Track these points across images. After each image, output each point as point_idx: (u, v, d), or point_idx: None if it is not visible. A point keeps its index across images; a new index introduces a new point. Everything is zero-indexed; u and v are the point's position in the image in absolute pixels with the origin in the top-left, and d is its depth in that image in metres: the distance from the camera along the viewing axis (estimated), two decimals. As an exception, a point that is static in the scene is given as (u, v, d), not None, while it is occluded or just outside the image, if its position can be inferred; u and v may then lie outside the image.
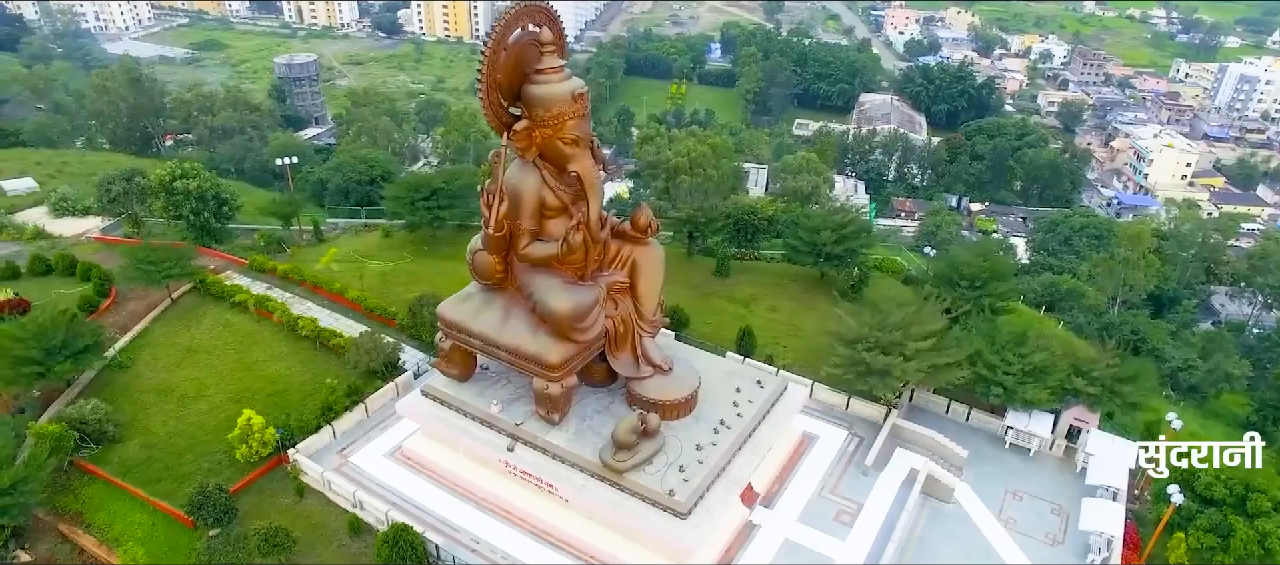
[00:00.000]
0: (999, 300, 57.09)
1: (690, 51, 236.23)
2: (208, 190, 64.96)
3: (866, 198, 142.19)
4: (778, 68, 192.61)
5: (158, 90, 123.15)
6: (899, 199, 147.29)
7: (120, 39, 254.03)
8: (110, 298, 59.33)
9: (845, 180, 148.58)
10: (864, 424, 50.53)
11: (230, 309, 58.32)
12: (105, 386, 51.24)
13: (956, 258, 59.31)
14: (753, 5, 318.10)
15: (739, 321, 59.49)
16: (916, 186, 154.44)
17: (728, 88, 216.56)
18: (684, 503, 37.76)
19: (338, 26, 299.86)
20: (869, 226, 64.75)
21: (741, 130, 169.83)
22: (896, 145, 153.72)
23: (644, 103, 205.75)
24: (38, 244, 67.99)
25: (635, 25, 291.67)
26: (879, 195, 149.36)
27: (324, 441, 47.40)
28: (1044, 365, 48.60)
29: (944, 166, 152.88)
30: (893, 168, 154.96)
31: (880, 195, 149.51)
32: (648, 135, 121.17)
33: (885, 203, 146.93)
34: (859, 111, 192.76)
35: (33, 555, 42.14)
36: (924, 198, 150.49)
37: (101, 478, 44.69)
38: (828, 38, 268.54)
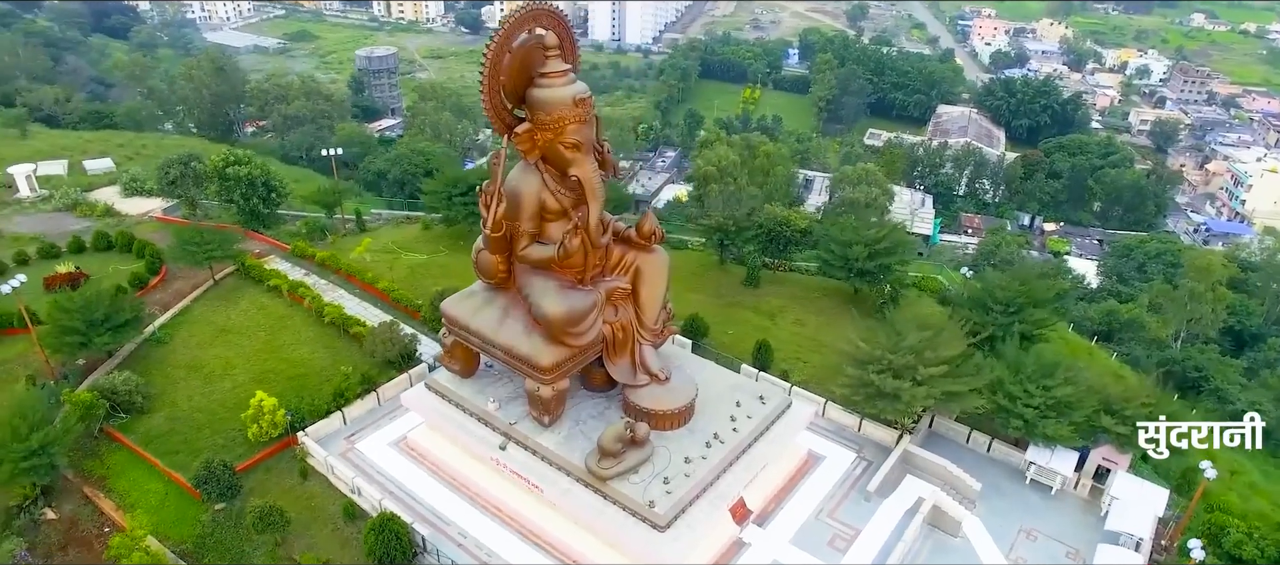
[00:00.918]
0: (1034, 327, 54.35)
1: (766, 56, 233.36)
2: (257, 177, 67.70)
3: (932, 212, 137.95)
4: (852, 76, 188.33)
5: (240, 78, 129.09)
6: (968, 215, 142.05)
7: (221, 29, 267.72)
8: (160, 275, 62.48)
9: (913, 193, 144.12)
10: (875, 447, 48.95)
11: (266, 292, 60.65)
12: (142, 359, 53.97)
13: (992, 280, 56.79)
14: (836, 11, 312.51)
15: (761, 333, 58.50)
16: (987, 203, 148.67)
17: (802, 94, 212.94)
18: (663, 515, 37.30)
19: (423, 21, 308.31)
20: (905, 243, 62.64)
21: (809, 138, 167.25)
22: (968, 159, 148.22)
23: (715, 106, 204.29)
24: (105, 221, 72.20)
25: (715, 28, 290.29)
26: (948, 210, 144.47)
27: (334, 427, 48.76)
28: (1069, 399, 46.01)
29: (1018, 183, 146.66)
30: (963, 182, 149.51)
31: (949, 210, 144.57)
32: (707, 140, 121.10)
33: (953, 218, 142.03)
34: (935, 123, 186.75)
35: (58, 514, 44.70)
36: (995, 215, 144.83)
37: (126, 446, 47.09)
38: (911, 47, 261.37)
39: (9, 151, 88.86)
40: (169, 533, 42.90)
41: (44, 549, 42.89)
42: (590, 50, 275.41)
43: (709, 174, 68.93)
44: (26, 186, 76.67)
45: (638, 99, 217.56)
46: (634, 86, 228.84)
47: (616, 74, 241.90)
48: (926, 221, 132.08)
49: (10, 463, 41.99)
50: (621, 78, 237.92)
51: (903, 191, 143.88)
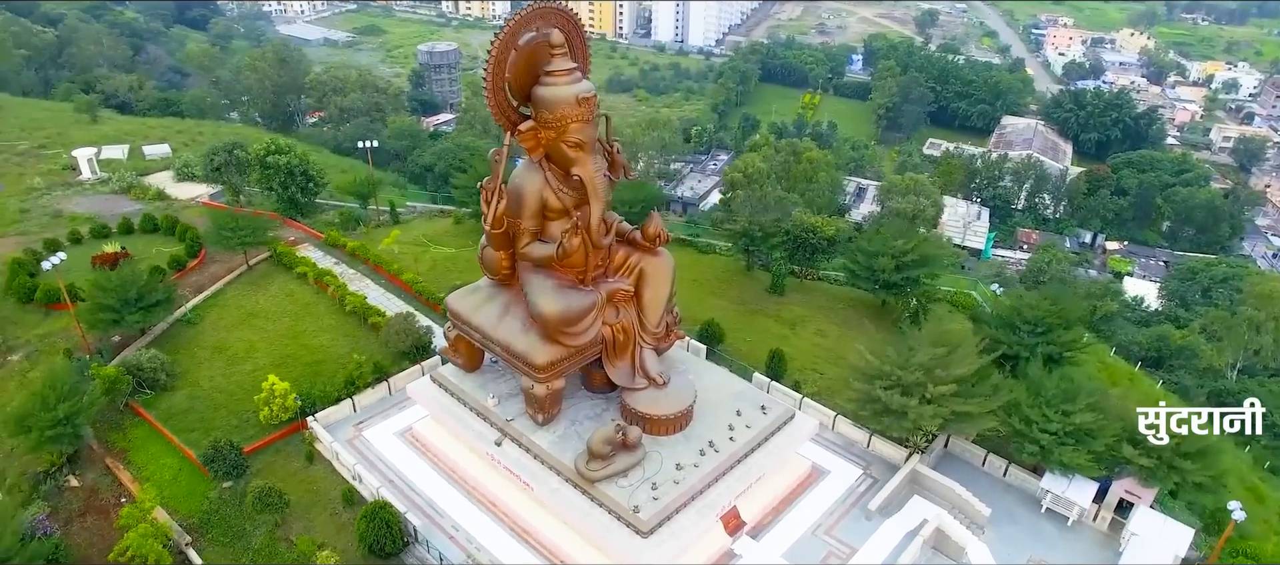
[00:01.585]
0: (1062, 349, 52.08)
1: (829, 62, 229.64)
2: (296, 166, 69.61)
3: (987, 226, 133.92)
4: (913, 83, 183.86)
5: (301, 70, 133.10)
6: (1025, 230, 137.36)
7: (295, 22, 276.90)
8: (199, 258, 64.76)
9: (968, 206, 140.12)
10: (883, 465, 47.61)
11: (295, 279, 62.30)
12: (172, 339, 56.03)
13: (1020, 298, 54.63)
14: (905, 17, 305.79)
15: (780, 342, 57.56)
16: (1047, 219, 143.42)
17: (863, 101, 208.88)
18: (646, 521, 36.92)
19: (490, 18, 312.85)
20: (934, 256, 60.75)
21: (864, 146, 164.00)
22: (1028, 173, 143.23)
23: (773, 111, 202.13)
24: (155, 204, 75.28)
25: (779, 32, 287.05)
26: (1004, 224, 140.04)
27: (343, 414, 49.78)
28: (1089, 426, 43.93)
29: (1081, 199, 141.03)
30: (1022, 196, 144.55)
31: (1006, 224, 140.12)
32: (755, 144, 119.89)
33: (1010, 233, 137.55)
34: (999, 135, 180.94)
35: (80, 482, 46.72)
36: (1054, 231, 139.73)
37: (147, 421, 48.93)
38: (980, 55, 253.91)
39: (79, 135, 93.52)
40: (178, 507, 44.47)
41: (65, 515, 44.86)
42: (652, 51, 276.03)
43: (736, 179, 68.01)
44: (88, 169, 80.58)
45: (696, 101, 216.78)
46: (693, 88, 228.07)
47: (676, 75, 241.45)
48: (980, 235, 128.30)
49: (38, 431, 44.17)
50: (681, 79, 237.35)
51: (958, 204, 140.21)
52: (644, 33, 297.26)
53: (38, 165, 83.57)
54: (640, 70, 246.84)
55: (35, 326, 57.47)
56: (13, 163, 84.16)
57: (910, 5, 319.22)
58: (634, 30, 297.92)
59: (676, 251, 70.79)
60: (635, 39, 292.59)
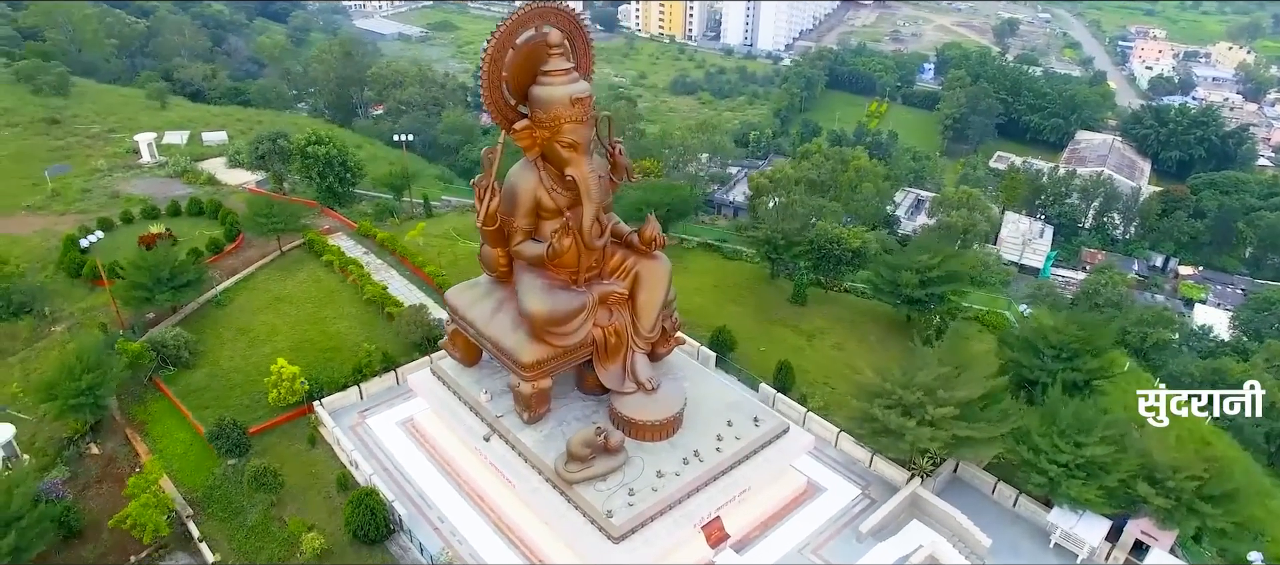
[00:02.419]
0: (1088, 376, 49.50)
1: (898, 70, 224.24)
2: (334, 157, 71.57)
3: (1049, 244, 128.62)
4: (981, 94, 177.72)
5: (364, 64, 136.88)
6: (1090, 250, 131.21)
7: (372, 17, 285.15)
8: (237, 242, 67.21)
9: (1031, 223, 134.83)
10: (883, 486, 46.09)
11: (323, 266, 64.05)
12: (201, 318, 58.28)
13: (1045, 320, 52.15)
14: (984, 26, 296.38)
15: (795, 354, 56.51)
16: (1116, 239, 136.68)
17: (931, 111, 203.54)
18: (618, 526, 36.56)
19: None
20: (961, 272, 58.57)
21: (926, 157, 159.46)
22: (1097, 190, 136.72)
23: (836, 118, 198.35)
24: (205, 189, 78.50)
25: (851, 38, 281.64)
26: (1069, 243, 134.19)
27: (350, 400, 50.87)
28: (1103, 460, 41.66)
29: (1154, 220, 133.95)
30: (1090, 215, 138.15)
31: (1070, 243, 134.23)
32: (806, 151, 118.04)
33: (1074, 252, 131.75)
34: (1072, 150, 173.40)
35: (100, 450, 48.97)
36: (1123, 252, 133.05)
37: (166, 396, 50.94)
38: (1060, 67, 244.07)
39: (147, 120, 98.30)
40: (184, 479, 46.16)
41: (83, 480, 47.06)
42: (719, 54, 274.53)
43: (762, 184, 66.88)
44: (148, 153, 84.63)
45: (759, 105, 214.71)
46: (758, 93, 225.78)
47: (742, 79, 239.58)
48: (1039, 253, 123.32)
49: (62, 399, 46.51)
50: (747, 83, 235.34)
51: (1020, 220, 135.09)
52: (713, 35, 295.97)
53: (105, 148, 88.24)
54: (706, 73, 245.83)
55: (80, 300, 60.58)
56: (83, 145, 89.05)
57: (990, 14, 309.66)
58: (703, 33, 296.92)
59: (702, 256, 70.72)
60: (704, 42, 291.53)
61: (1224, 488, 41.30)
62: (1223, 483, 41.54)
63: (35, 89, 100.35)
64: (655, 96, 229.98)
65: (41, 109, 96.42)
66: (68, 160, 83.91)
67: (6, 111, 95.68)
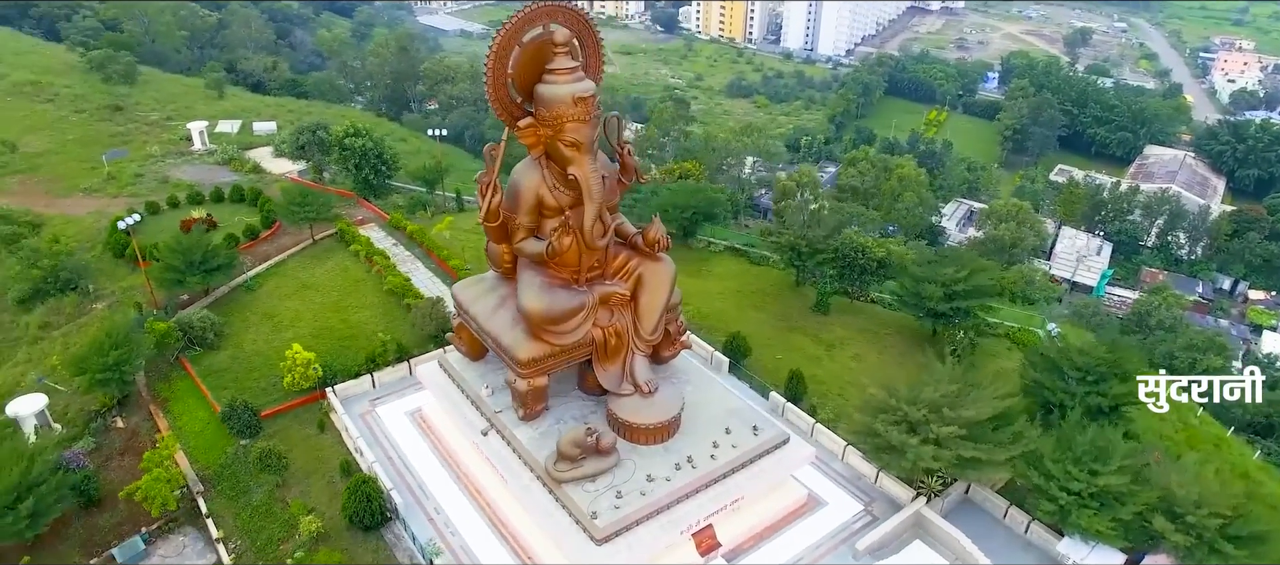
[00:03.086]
0: (1114, 401, 47.25)
1: (960, 78, 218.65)
2: (371, 149, 73.08)
3: (1105, 262, 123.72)
4: (1043, 104, 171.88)
5: (419, 59, 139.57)
6: (1151, 270, 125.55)
7: (436, 13, 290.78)
8: (273, 229, 69.13)
9: (1088, 239, 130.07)
10: (887, 503, 44.82)
11: (351, 256, 65.44)
12: (231, 302, 60.14)
13: (1070, 344, 50.03)
14: (1054, 36, 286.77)
15: (812, 364, 55.61)
16: (1180, 259, 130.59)
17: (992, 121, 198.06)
18: (602, 528, 36.38)
19: (622, 17, 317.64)
20: (988, 287, 56.64)
21: (981, 168, 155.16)
22: (1162, 207, 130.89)
23: (892, 126, 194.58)
24: (250, 177, 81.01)
25: (914, 45, 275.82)
26: (1129, 262, 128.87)
27: (363, 388, 51.77)
28: (1117, 490, 39.75)
29: (1224, 241, 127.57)
30: (1153, 233, 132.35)
31: (1130, 262, 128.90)
32: (852, 158, 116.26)
33: (1133, 272, 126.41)
34: (1139, 165, 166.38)
35: (125, 424, 50.89)
36: (1187, 273, 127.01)
37: (190, 375, 52.66)
38: (1133, 78, 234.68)
39: (203, 109, 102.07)
40: (199, 457, 47.65)
41: (107, 452, 48.99)
42: (779, 58, 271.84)
43: (787, 187, 65.79)
44: (200, 141, 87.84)
45: (815, 111, 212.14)
46: (814, 97, 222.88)
47: (800, 83, 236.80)
48: (1094, 271, 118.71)
49: (90, 374, 48.52)
50: (804, 88, 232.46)
51: (1077, 236, 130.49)
52: (773, 39, 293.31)
53: (161, 135, 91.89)
54: (763, 76, 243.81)
55: (123, 279, 63.17)
56: (142, 131, 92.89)
57: (1063, 23, 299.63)
58: (764, 37, 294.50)
59: (728, 261, 70.03)
60: (764, 45, 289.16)
61: (1253, 528, 39.06)
62: (1252, 523, 39.31)
63: (105, 77, 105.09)
64: (710, 98, 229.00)
65: (108, 96, 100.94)
66: (126, 145, 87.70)
67: (77, 98, 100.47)
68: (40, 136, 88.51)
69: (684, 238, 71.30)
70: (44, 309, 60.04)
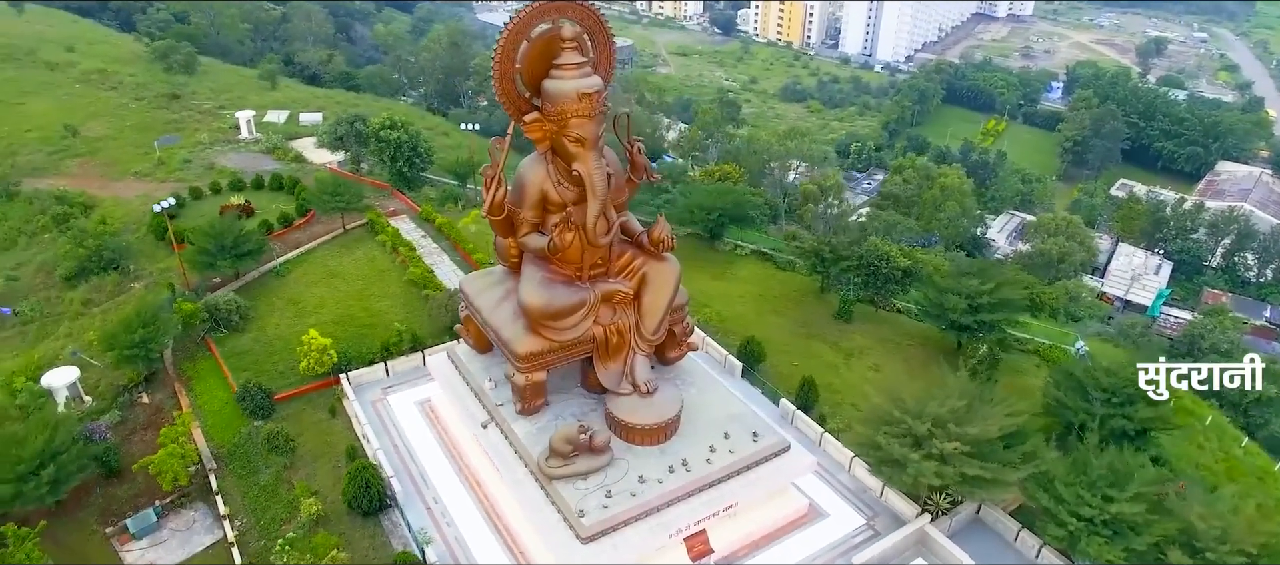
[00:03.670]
0: (1140, 425, 45.14)
1: (1022, 87, 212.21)
2: (405, 141, 74.28)
3: (1164, 282, 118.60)
4: (1106, 116, 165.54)
5: (470, 54, 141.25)
6: (1214, 291, 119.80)
7: (495, 11, 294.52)
8: (307, 217, 70.77)
9: (1146, 257, 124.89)
10: (892, 518, 43.65)
11: (379, 246, 66.54)
12: (260, 286, 61.73)
13: (1095, 364, 47.93)
14: (1126, 45, 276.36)
15: (828, 372, 54.60)
16: (1248, 281, 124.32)
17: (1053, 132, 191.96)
18: (587, 527, 36.21)
19: (680, 18, 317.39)
20: (1013, 300, 54.77)
21: (1036, 180, 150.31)
22: (1229, 226, 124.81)
23: (948, 134, 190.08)
24: (292, 166, 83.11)
25: (977, 53, 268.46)
26: (1190, 282, 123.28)
27: (376, 376, 52.59)
28: (1132, 519, 37.89)
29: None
30: (1218, 253, 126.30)
31: (1192, 282, 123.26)
32: (899, 166, 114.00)
33: (1194, 292, 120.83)
34: (1209, 181, 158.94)
35: (150, 400, 52.62)
36: (1254, 296, 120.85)
37: (214, 355, 54.20)
38: (1211, 91, 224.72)
39: (255, 99, 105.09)
40: (215, 435, 48.99)
41: (131, 426, 50.65)
42: (836, 63, 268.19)
43: (809, 191, 64.58)
44: (247, 129, 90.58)
45: (870, 117, 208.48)
46: (870, 104, 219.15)
47: (856, 89, 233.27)
48: (1150, 290, 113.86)
49: (118, 350, 50.35)
50: (860, 93, 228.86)
51: (1134, 253, 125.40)
52: (832, 44, 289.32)
53: (211, 123, 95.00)
54: (818, 81, 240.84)
55: (162, 261, 65.42)
56: (195, 119, 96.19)
57: (1137, 32, 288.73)
58: (822, 41, 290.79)
59: (753, 264, 69.19)
60: (823, 50, 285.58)
61: None
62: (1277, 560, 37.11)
63: (167, 67, 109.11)
64: (763, 102, 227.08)
65: (167, 85, 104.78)
66: (178, 132, 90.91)
67: (139, 86, 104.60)
68: (101, 122, 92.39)
69: (710, 239, 70.69)
70: (87, 286, 62.59)
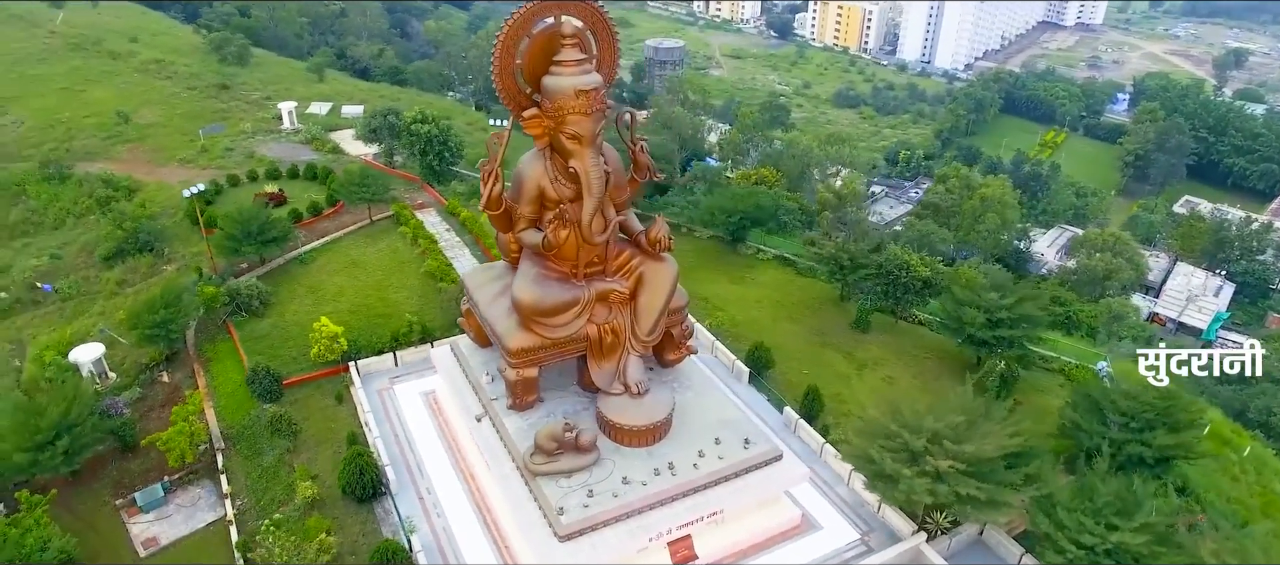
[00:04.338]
0: (1157, 454, 42.99)
1: (1085, 98, 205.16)
2: (436, 136, 75.28)
3: (1223, 305, 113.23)
4: (1172, 129, 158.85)
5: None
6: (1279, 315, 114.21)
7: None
8: (336, 207, 72.24)
9: (1207, 278, 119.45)
10: (887, 535, 42.45)
11: (401, 238, 67.49)
12: (283, 273, 63.22)
13: (1114, 388, 45.79)
14: (1202, 56, 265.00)
15: (838, 382, 53.42)
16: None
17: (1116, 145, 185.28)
18: (566, 526, 36.02)
19: (737, 21, 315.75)
20: (1035, 316, 52.81)
21: (1092, 194, 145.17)
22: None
23: (1003, 145, 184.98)
24: (329, 157, 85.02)
25: (1040, 62, 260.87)
26: (1254, 306, 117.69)
27: (385, 366, 53.32)
28: (1136, 550, 36.09)
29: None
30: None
31: (1256, 306, 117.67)
32: (943, 175, 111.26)
33: (1259, 316, 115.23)
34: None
35: (169, 379, 54.30)
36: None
37: (232, 338, 55.67)
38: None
39: (302, 91, 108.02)
40: (226, 416, 50.25)
41: (150, 402, 52.41)
42: (892, 70, 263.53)
43: (827, 199, 63.26)
44: (288, 120, 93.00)
45: (923, 126, 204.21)
46: (924, 112, 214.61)
47: (911, 96, 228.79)
48: (1206, 312, 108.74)
49: (140, 330, 52.16)
50: (915, 101, 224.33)
51: (1193, 273, 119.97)
52: (890, 49, 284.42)
53: (256, 113, 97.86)
54: (873, 87, 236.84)
55: (194, 245, 67.50)
56: (240, 109, 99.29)
57: (1214, 43, 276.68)
58: (880, 47, 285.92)
59: (773, 269, 68.22)
60: (880, 55, 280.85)
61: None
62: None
63: (221, 58, 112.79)
64: (815, 107, 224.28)
65: (219, 75, 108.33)
66: (224, 121, 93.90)
67: (192, 76, 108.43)
68: (153, 109, 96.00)
69: (732, 243, 69.90)
70: (123, 267, 65.04)
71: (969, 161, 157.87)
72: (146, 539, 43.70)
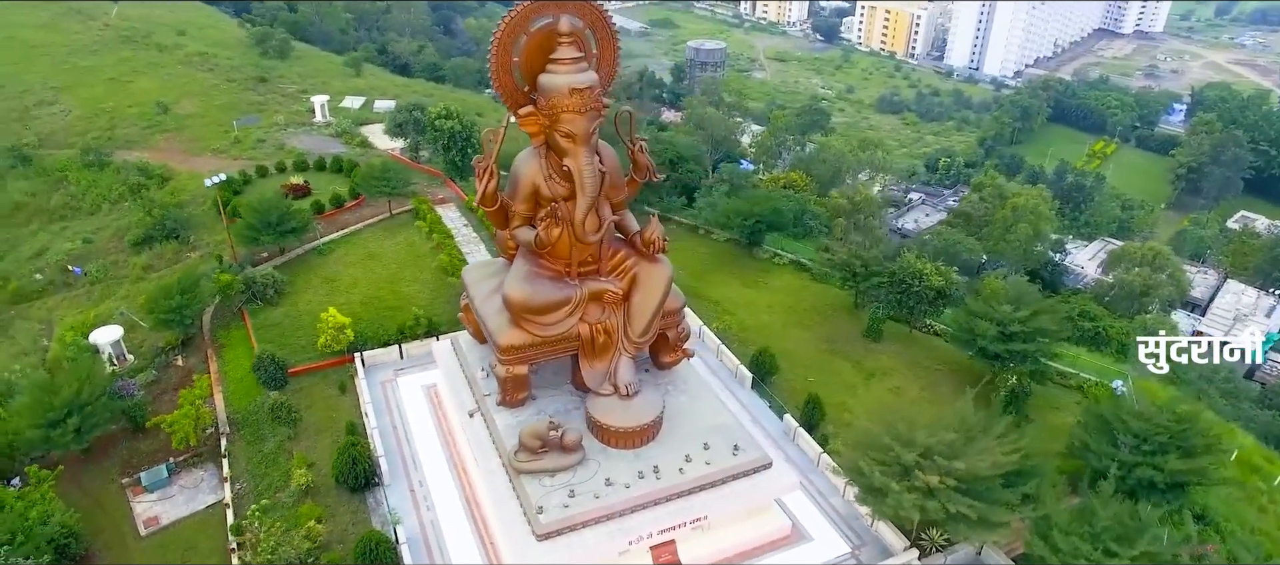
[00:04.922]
0: (1169, 479, 41.23)
1: (1138, 108, 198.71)
2: (459, 131, 75.90)
3: (1276, 324, 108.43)
4: (1228, 141, 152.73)
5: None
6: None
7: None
8: (357, 200, 73.27)
9: (1260, 296, 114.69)
10: (879, 549, 41.44)
11: (419, 232, 68.17)
12: (301, 263, 64.30)
13: (1127, 407, 44.05)
14: (1268, 67, 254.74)
15: (844, 391, 52.45)
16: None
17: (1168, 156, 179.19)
18: (544, 524, 35.89)
19: (783, 23, 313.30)
20: (1051, 330, 51.16)
21: (1139, 207, 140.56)
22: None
23: (1049, 155, 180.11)
24: (357, 151, 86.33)
25: (1093, 70, 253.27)
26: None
27: (391, 358, 53.83)
28: (1134, 577, 34.66)
29: None
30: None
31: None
32: (979, 184, 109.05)
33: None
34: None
35: (184, 363, 55.60)
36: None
37: (246, 326, 56.80)
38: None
39: (339, 85, 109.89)
40: (234, 401, 51.24)
41: (164, 385, 53.66)
42: (939, 76, 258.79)
43: (840, 205, 62.08)
44: (320, 113, 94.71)
45: (967, 133, 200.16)
46: (969, 119, 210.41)
47: (957, 103, 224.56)
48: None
49: (156, 314, 53.55)
50: (960, 107, 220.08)
51: (1244, 291, 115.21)
52: (937, 55, 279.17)
53: (291, 106, 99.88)
54: (918, 93, 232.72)
55: (219, 233, 69.05)
56: (276, 101, 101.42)
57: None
58: (927, 52, 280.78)
59: (788, 274, 67.38)
60: (927, 61, 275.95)
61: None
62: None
63: (263, 52, 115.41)
64: (857, 112, 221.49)
65: (258, 69, 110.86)
66: (259, 114, 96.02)
67: (233, 68, 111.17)
68: (193, 101, 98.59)
69: (748, 247, 69.13)
70: (150, 253, 66.89)
71: (1012, 171, 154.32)
72: (148, 518, 44.75)
